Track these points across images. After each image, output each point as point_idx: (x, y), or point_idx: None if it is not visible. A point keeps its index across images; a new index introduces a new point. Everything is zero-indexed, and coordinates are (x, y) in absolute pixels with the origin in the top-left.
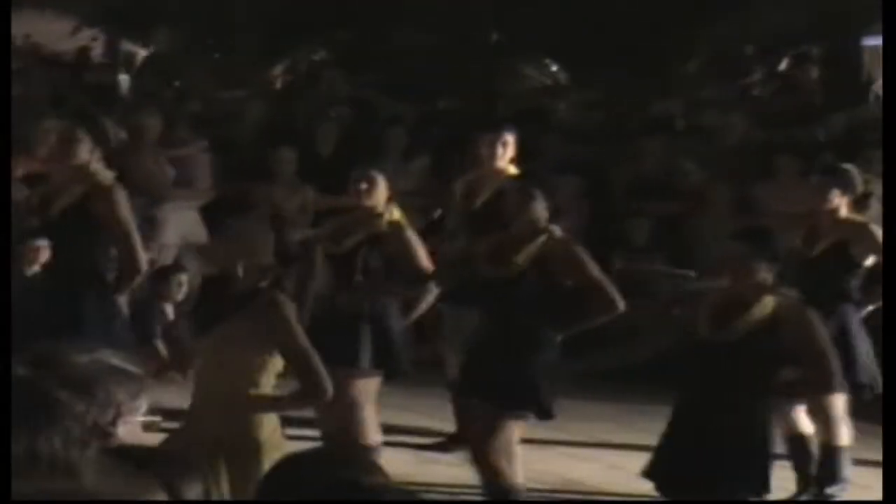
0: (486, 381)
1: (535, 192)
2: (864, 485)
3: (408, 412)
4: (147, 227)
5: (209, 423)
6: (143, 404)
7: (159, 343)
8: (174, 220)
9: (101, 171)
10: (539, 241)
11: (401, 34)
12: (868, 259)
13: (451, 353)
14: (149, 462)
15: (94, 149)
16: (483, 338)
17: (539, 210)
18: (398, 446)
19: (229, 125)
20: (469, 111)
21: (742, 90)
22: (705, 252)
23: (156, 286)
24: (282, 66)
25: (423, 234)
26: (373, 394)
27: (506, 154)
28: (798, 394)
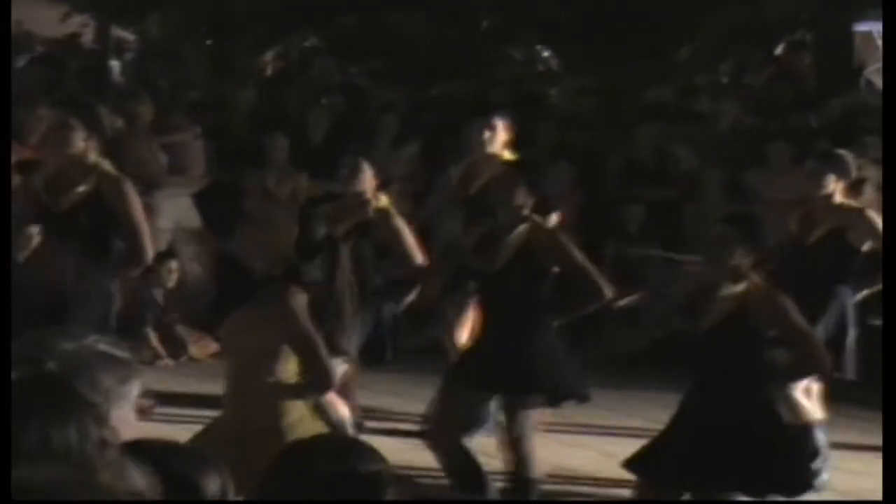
0: (486, 370)
1: (519, 179)
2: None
3: (402, 398)
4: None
5: (234, 409)
6: (133, 389)
7: (150, 330)
8: (167, 206)
9: (105, 163)
10: (522, 228)
11: (394, 21)
12: (865, 244)
13: (451, 342)
14: (167, 458)
15: (89, 137)
16: (480, 327)
17: (522, 197)
18: (393, 433)
19: (222, 112)
20: (461, 98)
21: (735, 77)
22: (699, 238)
23: (147, 272)
24: (272, 53)
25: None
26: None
27: (497, 140)
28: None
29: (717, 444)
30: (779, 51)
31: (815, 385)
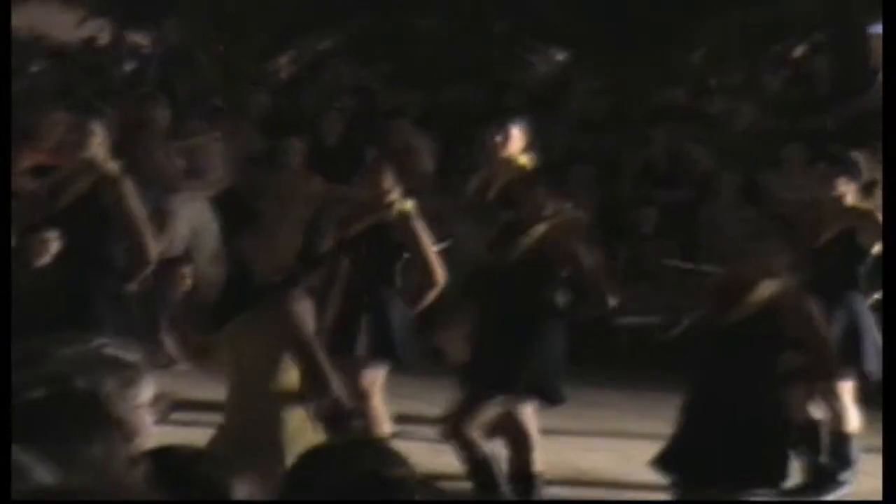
0: (492, 368)
1: (538, 180)
2: (867, 471)
3: (420, 402)
4: (158, 217)
5: (236, 415)
6: (142, 393)
7: (166, 334)
8: (184, 210)
9: (108, 161)
10: (540, 228)
11: (407, 24)
12: (875, 246)
13: (462, 343)
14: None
15: (105, 141)
16: (487, 326)
17: (541, 198)
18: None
19: (238, 116)
20: (475, 101)
21: (751, 78)
22: (713, 240)
23: (163, 277)
24: (286, 57)
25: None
26: (379, 384)
27: (512, 145)
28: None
29: (733, 440)
30: (794, 53)
31: (848, 388)
